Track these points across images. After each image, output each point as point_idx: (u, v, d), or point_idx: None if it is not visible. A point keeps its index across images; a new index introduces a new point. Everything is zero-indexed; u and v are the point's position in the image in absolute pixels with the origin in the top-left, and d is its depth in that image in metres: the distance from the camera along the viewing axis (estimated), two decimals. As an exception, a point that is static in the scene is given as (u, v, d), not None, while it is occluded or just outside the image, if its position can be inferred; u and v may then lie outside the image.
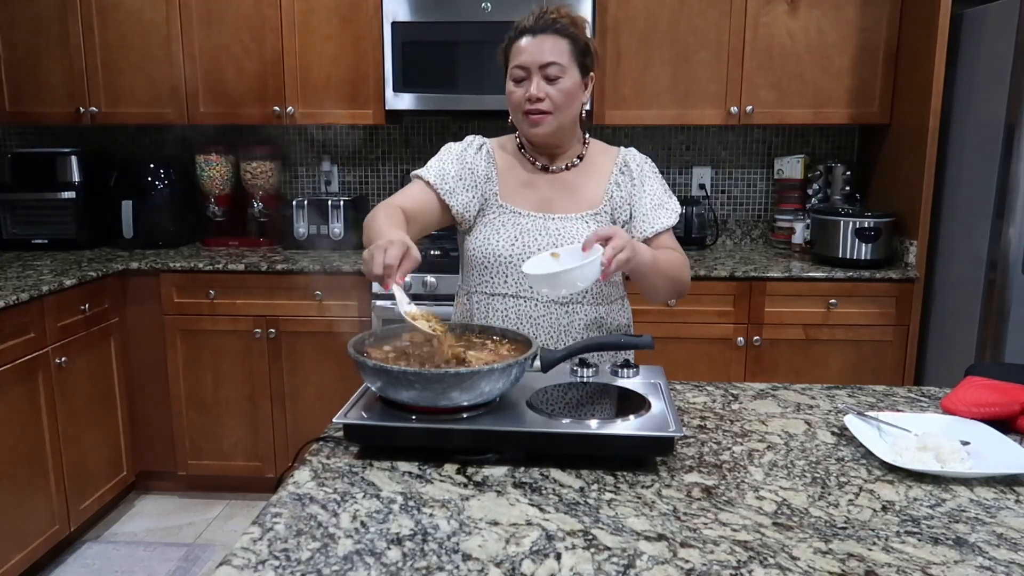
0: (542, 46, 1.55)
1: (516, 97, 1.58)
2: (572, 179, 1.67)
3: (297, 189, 3.67)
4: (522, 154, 1.69)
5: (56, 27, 3.22)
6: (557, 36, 1.55)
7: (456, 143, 1.71)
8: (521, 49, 1.56)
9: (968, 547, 0.98)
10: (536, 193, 1.66)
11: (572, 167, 1.68)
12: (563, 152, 1.67)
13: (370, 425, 1.22)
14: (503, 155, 1.70)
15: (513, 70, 1.57)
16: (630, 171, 1.67)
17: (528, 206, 1.65)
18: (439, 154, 1.69)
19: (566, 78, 1.56)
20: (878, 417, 1.36)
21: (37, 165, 3.33)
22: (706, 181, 3.51)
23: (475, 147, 1.70)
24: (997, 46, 2.55)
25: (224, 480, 3.25)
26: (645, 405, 1.29)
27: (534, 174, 1.67)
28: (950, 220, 2.83)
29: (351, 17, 3.13)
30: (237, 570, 0.91)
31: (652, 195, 1.66)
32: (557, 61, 1.54)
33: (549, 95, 1.55)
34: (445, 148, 1.71)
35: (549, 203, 1.65)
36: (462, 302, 1.75)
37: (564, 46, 1.56)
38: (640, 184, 1.66)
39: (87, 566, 2.76)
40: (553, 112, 1.56)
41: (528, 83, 1.56)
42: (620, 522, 1.03)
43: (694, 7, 3.06)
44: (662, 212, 1.66)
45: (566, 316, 1.63)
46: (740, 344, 2.93)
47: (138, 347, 3.13)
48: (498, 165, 1.68)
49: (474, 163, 1.67)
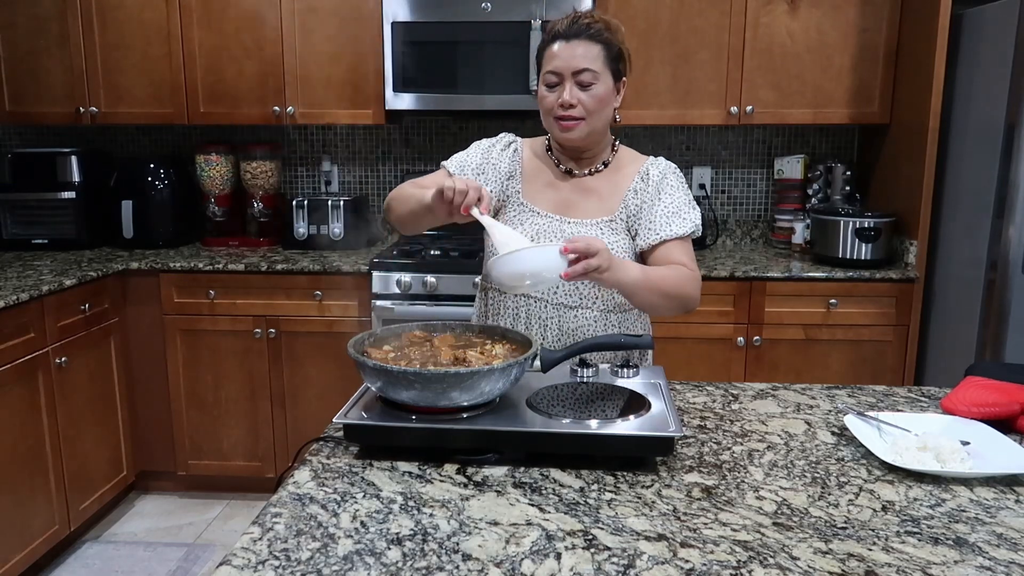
0: (575, 51, 1.54)
1: (548, 102, 1.58)
2: (595, 184, 1.67)
3: (297, 189, 3.67)
4: (549, 156, 1.70)
5: (56, 27, 3.22)
6: (591, 42, 1.54)
7: (487, 139, 1.74)
8: (554, 54, 1.55)
9: (968, 547, 0.98)
10: (557, 195, 1.67)
11: (596, 172, 1.67)
12: (591, 157, 1.67)
13: (370, 425, 1.22)
14: (531, 155, 1.72)
15: (546, 75, 1.57)
16: (649, 179, 1.65)
17: (548, 207, 1.66)
18: (469, 148, 1.73)
19: (599, 84, 1.55)
20: (878, 417, 1.36)
21: (37, 165, 3.33)
22: (706, 181, 3.51)
23: (503, 144, 1.72)
24: (997, 46, 2.55)
25: (224, 480, 3.25)
26: (645, 405, 1.29)
27: (558, 177, 1.68)
28: (950, 220, 2.83)
29: (351, 17, 3.13)
30: (237, 570, 0.91)
31: (668, 204, 1.62)
32: (590, 67, 1.53)
33: (581, 101, 1.55)
34: (475, 143, 1.74)
35: (568, 206, 1.66)
36: (480, 298, 1.78)
37: (597, 51, 1.55)
38: (656, 192, 1.63)
39: (87, 566, 2.76)
40: (585, 118, 1.56)
41: (561, 88, 1.55)
42: (620, 522, 1.03)
43: (694, 7, 3.06)
44: (674, 220, 1.60)
45: (574, 320, 1.63)
46: (740, 344, 2.93)
47: (138, 347, 3.13)
48: (524, 164, 1.70)
49: (499, 159, 1.69)
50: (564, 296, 1.63)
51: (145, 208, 3.32)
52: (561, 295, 1.62)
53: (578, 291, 1.62)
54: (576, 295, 1.62)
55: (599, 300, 1.63)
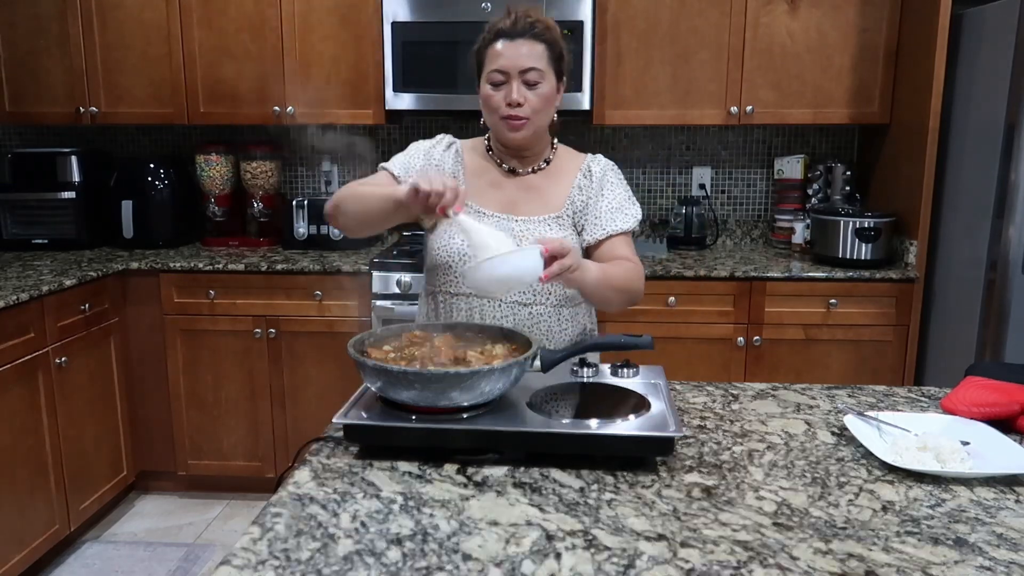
0: (520, 50, 1.54)
1: (495, 101, 1.57)
2: (538, 182, 1.68)
3: (297, 189, 3.67)
4: (490, 156, 1.70)
5: (56, 27, 3.22)
6: (535, 41, 1.55)
7: (424, 140, 1.72)
8: (499, 53, 1.55)
9: (968, 547, 0.98)
10: (502, 195, 1.66)
11: (539, 171, 1.69)
12: (533, 156, 1.68)
13: (370, 425, 1.22)
14: (472, 156, 1.71)
15: (492, 74, 1.57)
16: (592, 176, 1.68)
17: (493, 207, 1.65)
18: (406, 150, 1.70)
19: (544, 84, 1.56)
20: (878, 417, 1.36)
21: (37, 165, 3.33)
22: (706, 181, 3.51)
23: (443, 145, 1.70)
24: (997, 46, 2.55)
25: (224, 480, 3.25)
26: (645, 405, 1.29)
27: (501, 176, 1.68)
28: (950, 220, 2.83)
29: (351, 17, 3.13)
30: (237, 570, 0.91)
31: (611, 200, 1.66)
32: (537, 67, 1.55)
33: (528, 100, 1.55)
34: (413, 145, 1.71)
35: (514, 205, 1.66)
36: (427, 302, 1.74)
37: (542, 51, 1.56)
38: (599, 189, 1.67)
39: (87, 566, 2.76)
40: (531, 117, 1.57)
41: (507, 87, 1.56)
42: (620, 522, 1.03)
43: (694, 7, 3.06)
44: (618, 216, 1.65)
45: (529, 317, 1.63)
46: (740, 344, 2.93)
47: (138, 347, 3.13)
48: (466, 165, 1.69)
49: (441, 160, 1.67)
50: (518, 294, 1.62)
51: (145, 208, 3.32)
52: (516, 293, 1.62)
53: (532, 288, 1.61)
54: (529, 292, 1.62)
55: (552, 296, 1.63)
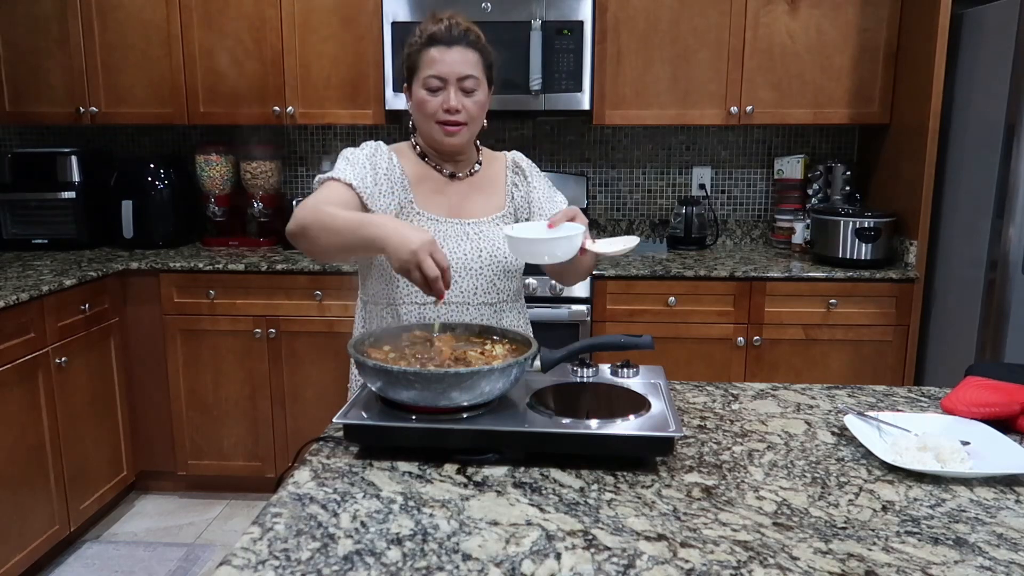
0: (456, 57, 1.56)
1: (432, 106, 1.58)
2: (477, 184, 1.72)
3: (297, 189, 3.67)
4: (426, 162, 1.69)
5: (56, 27, 3.22)
6: (470, 48, 1.58)
7: (356, 148, 1.66)
8: (436, 59, 1.56)
9: (968, 547, 0.98)
10: (447, 200, 1.68)
11: (474, 173, 1.72)
12: (466, 160, 1.71)
13: (370, 425, 1.22)
14: (409, 163, 1.68)
15: (428, 79, 1.57)
16: (522, 171, 1.75)
17: (442, 212, 1.66)
18: (347, 158, 1.62)
19: (479, 91, 1.60)
20: (878, 417, 1.36)
21: (37, 165, 3.33)
22: (706, 181, 3.51)
23: (381, 152, 1.65)
24: (997, 46, 2.55)
25: (224, 480, 3.25)
26: (645, 405, 1.29)
27: (443, 181, 1.69)
28: (950, 220, 2.83)
29: (351, 17, 3.13)
30: (237, 570, 0.91)
31: (540, 186, 1.75)
32: (473, 74, 1.58)
33: (466, 107, 1.58)
34: (349, 153, 1.64)
35: (460, 208, 1.68)
36: (362, 313, 1.72)
37: (476, 59, 1.59)
38: (530, 181, 1.74)
39: (87, 566, 2.76)
40: (468, 123, 1.60)
41: (444, 93, 1.57)
42: (620, 522, 1.03)
43: (694, 7, 3.06)
44: (556, 197, 1.74)
45: (458, 317, 1.63)
46: (740, 344, 2.93)
47: (138, 347, 3.13)
48: (408, 173, 1.67)
49: (389, 169, 1.64)
50: (447, 294, 1.61)
51: (145, 208, 3.32)
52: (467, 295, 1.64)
53: (459, 288, 1.62)
54: (457, 291, 1.62)
55: (477, 294, 1.64)
